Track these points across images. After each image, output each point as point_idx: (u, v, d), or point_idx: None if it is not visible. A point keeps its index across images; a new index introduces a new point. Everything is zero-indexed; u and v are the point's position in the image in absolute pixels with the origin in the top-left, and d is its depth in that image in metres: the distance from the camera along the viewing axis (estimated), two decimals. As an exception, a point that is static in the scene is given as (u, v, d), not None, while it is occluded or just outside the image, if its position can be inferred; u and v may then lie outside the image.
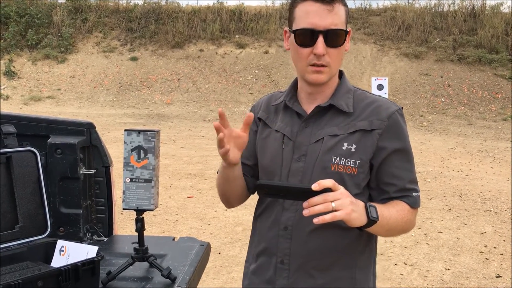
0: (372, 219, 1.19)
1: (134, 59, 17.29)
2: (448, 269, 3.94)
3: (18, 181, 1.71)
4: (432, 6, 18.08)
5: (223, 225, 4.91)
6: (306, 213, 1.11)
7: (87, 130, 1.92)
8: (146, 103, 15.40)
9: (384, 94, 11.46)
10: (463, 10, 17.64)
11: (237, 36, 17.94)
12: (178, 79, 16.48)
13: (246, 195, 1.55)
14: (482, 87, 15.10)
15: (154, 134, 1.44)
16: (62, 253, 1.55)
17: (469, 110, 14.21)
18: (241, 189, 1.49)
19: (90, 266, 1.37)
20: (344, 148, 1.31)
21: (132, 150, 1.44)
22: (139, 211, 1.47)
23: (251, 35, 17.87)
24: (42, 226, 1.76)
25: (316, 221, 1.10)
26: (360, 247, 1.36)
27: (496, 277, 3.81)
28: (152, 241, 1.68)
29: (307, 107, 1.39)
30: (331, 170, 1.30)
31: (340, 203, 1.12)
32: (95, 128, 1.96)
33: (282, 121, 1.42)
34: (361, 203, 1.20)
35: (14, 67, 16.61)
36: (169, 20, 18.34)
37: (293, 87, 1.44)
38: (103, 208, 1.98)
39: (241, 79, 16.31)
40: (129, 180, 1.45)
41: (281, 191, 1.18)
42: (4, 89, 15.81)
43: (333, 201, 1.11)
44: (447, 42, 16.64)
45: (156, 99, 15.59)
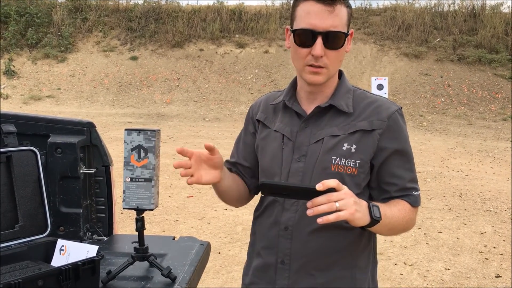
0: (375, 219, 1.19)
1: (134, 59, 17.28)
2: (447, 269, 3.94)
3: (18, 180, 1.71)
4: (432, 6, 18.09)
5: (223, 224, 4.91)
6: (310, 212, 1.11)
7: (87, 129, 1.92)
8: (146, 103, 15.39)
9: (384, 94, 11.45)
10: (463, 10, 17.64)
11: (237, 35, 17.93)
12: (178, 79, 16.47)
13: (248, 198, 1.56)
14: (482, 87, 15.10)
15: (154, 133, 1.44)
16: (62, 252, 1.55)
17: (469, 110, 14.21)
18: (237, 195, 1.51)
19: (90, 265, 1.37)
20: (344, 148, 1.31)
21: (132, 149, 1.44)
22: (139, 211, 1.47)
23: (251, 35, 17.86)
24: (42, 225, 1.76)
25: (320, 221, 1.10)
26: (360, 247, 1.36)
27: (495, 277, 3.82)
28: (152, 240, 1.68)
29: (307, 107, 1.39)
30: (332, 170, 1.30)
31: (344, 203, 1.12)
32: (95, 127, 1.96)
33: (282, 121, 1.42)
34: (364, 203, 1.20)
35: (14, 66, 16.60)
36: (169, 19, 18.34)
37: (292, 86, 1.44)
38: (103, 207, 1.98)
39: (241, 79, 16.31)
40: (129, 179, 1.45)
41: (285, 191, 1.18)
42: (4, 88, 15.81)
43: (337, 201, 1.11)
44: (447, 42, 16.64)
45: (156, 99, 15.59)
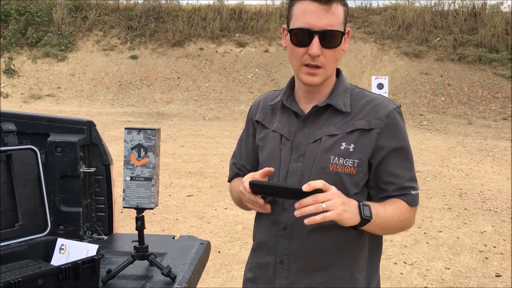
0: (365, 218, 1.20)
1: (134, 58, 17.27)
2: (447, 268, 3.95)
3: (18, 179, 1.71)
4: (432, 5, 18.06)
5: (223, 223, 4.91)
6: (297, 213, 1.14)
7: (87, 128, 1.93)
8: (146, 102, 15.39)
9: (384, 93, 11.45)
10: (464, 9, 17.62)
11: (237, 34, 17.92)
12: (178, 78, 16.47)
13: None
14: (482, 86, 15.09)
15: (154, 132, 1.44)
16: (62, 251, 1.55)
17: (469, 109, 14.21)
18: None
19: (90, 264, 1.37)
20: (342, 147, 1.31)
21: (132, 148, 1.44)
22: (139, 210, 1.47)
23: (251, 34, 17.85)
24: (42, 224, 1.76)
25: (306, 221, 1.13)
26: (359, 246, 1.36)
27: (495, 276, 3.82)
28: (152, 239, 1.68)
29: (305, 107, 1.39)
30: (330, 170, 1.30)
31: (330, 204, 1.13)
32: (95, 126, 1.96)
33: (280, 121, 1.41)
34: (354, 203, 1.21)
35: (14, 65, 16.59)
36: (169, 18, 18.32)
37: (290, 86, 1.44)
38: (103, 206, 1.98)
39: (241, 78, 16.30)
40: (129, 178, 1.45)
41: (273, 191, 1.20)
42: (4, 87, 15.81)
43: (323, 201, 1.13)
44: (448, 41, 16.62)
45: (156, 98, 15.59)
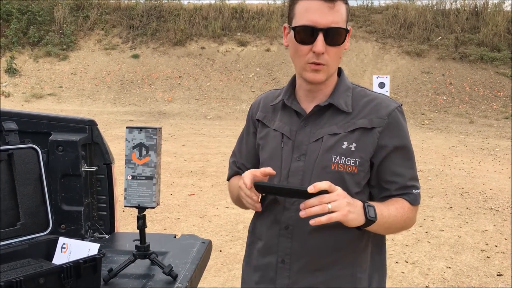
0: (370, 219, 1.20)
1: (135, 57, 17.28)
2: (449, 267, 3.94)
3: (20, 178, 1.71)
4: (434, 4, 18.03)
5: (225, 222, 4.91)
6: (302, 214, 1.13)
7: (89, 127, 1.93)
8: (148, 101, 15.39)
9: (385, 92, 11.43)
10: (465, 8, 17.58)
11: (238, 33, 17.91)
12: (180, 77, 16.47)
13: None
14: (484, 85, 15.06)
15: (156, 131, 1.44)
16: (63, 250, 1.55)
17: (470, 108, 14.18)
18: None
19: (91, 263, 1.37)
20: (344, 147, 1.30)
21: (133, 147, 1.44)
22: (141, 209, 1.47)
23: (253, 33, 17.84)
24: (43, 223, 1.76)
25: (312, 222, 1.12)
26: (361, 246, 1.36)
27: (497, 275, 3.81)
28: (153, 238, 1.68)
29: (306, 106, 1.38)
30: (331, 169, 1.30)
31: (336, 205, 1.13)
32: (97, 125, 1.96)
33: (281, 120, 1.41)
34: (359, 203, 1.20)
35: (15, 65, 16.61)
36: (170, 17, 18.32)
37: (291, 85, 1.43)
38: (105, 205, 1.98)
39: (242, 77, 16.29)
40: (130, 177, 1.45)
41: (278, 192, 1.20)
42: (5, 86, 15.82)
43: (329, 202, 1.12)
44: (449, 40, 16.59)
45: (157, 97, 15.59)
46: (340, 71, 1.41)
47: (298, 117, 1.38)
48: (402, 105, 1.38)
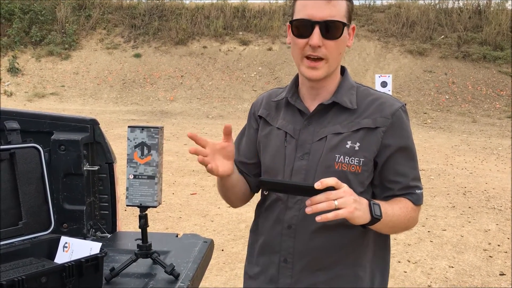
0: (375, 217, 1.19)
1: (137, 56, 17.29)
2: (451, 266, 3.93)
3: (22, 177, 1.71)
4: (436, 2, 17.99)
5: (226, 222, 4.91)
6: (308, 211, 1.11)
7: (91, 126, 1.93)
8: (150, 100, 15.40)
9: (388, 91, 11.41)
10: (468, 7, 17.53)
11: (240, 33, 17.91)
12: (182, 76, 16.47)
13: (250, 196, 1.55)
14: (486, 84, 15.02)
15: (158, 130, 1.44)
16: (65, 249, 1.55)
17: (473, 108, 14.15)
18: (242, 192, 1.49)
19: (93, 262, 1.37)
20: (348, 146, 1.30)
21: (135, 146, 1.44)
22: (143, 208, 1.47)
23: (255, 32, 17.83)
24: (45, 222, 1.76)
25: (318, 219, 1.10)
26: (363, 245, 1.35)
27: (499, 275, 3.80)
28: (155, 237, 1.68)
29: (310, 104, 1.38)
30: (335, 168, 1.29)
31: (343, 201, 1.11)
32: (99, 124, 1.96)
33: (284, 118, 1.40)
34: (364, 201, 1.19)
35: (18, 64, 16.64)
36: (172, 17, 18.33)
37: (294, 83, 1.42)
38: (107, 204, 1.98)
39: (244, 76, 16.29)
40: (132, 176, 1.45)
41: (283, 188, 1.19)
42: (8, 85, 15.85)
43: (336, 199, 1.11)
44: (452, 39, 16.55)
45: (159, 96, 15.60)
46: (343, 70, 1.41)
47: (301, 115, 1.38)
48: (406, 104, 1.38)
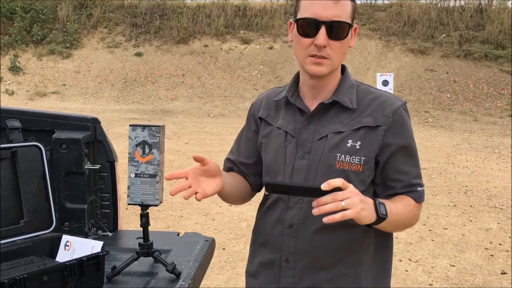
0: (381, 217, 1.19)
1: (138, 55, 17.29)
2: (453, 265, 3.93)
3: (23, 176, 1.72)
4: (438, 1, 17.95)
5: (228, 220, 4.91)
6: (315, 212, 1.10)
7: (92, 125, 1.92)
8: (151, 99, 15.41)
9: (389, 90, 11.39)
10: (470, 6, 17.49)
11: (241, 31, 17.89)
12: (183, 75, 16.47)
13: (251, 195, 1.55)
14: (488, 83, 15.00)
15: (159, 129, 1.44)
16: (67, 248, 1.55)
17: (474, 106, 14.13)
18: (241, 194, 1.50)
19: (95, 261, 1.37)
20: (348, 145, 1.30)
21: (137, 145, 1.44)
22: (144, 206, 1.47)
23: (256, 31, 17.82)
24: (47, 221, 1.76)
25: (325, 220, 1.10)
26: (365, 245, 1.35)
27: (501, 273, 3.80)
28: (156, 236, 1.68)
29: (310, 103, 1.37)
30: (336, 167, 1.29)
31: (350, 202, 1.11)
32: (100, 123, 1.96)
33: (284, 118, 1.40)
34: (370, 201, 1.19)
35: (19, 63, 16.65)
36: (173, 15, 18.32)
37: (294, 82, 1.42)
38: (108, 203, 1.98)
39: (245, 75, 16.28)
40: (133, 175, 1.45)
41: (289, 190, 1.18)
42: (9, 84, 15.86)
43: (342, 200, 1.10)
44: (453, 37, 16.52)
45: (160, 95, 15.60)
46: (343, 69, 1.40)
47: (301, 114, 1.37)
48: (406, 102, 1.38)
